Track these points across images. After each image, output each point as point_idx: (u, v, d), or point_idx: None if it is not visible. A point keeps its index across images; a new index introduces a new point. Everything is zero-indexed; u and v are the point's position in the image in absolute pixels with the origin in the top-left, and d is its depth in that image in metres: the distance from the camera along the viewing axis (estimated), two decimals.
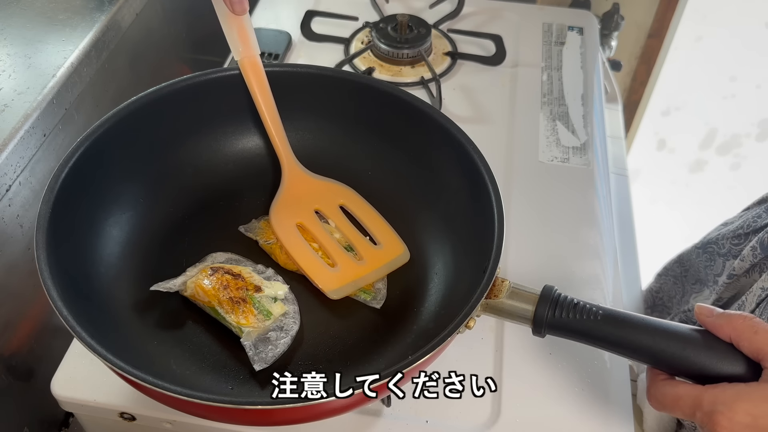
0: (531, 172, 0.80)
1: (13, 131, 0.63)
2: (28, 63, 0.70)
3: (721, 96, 1.54)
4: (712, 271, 0.79)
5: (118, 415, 0.60)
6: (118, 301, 0.58)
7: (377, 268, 0.63)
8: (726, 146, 1.64)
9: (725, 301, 0.73)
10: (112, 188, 0.61)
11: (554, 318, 0.51)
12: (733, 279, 0.70)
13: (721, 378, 0.46)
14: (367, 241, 0.65)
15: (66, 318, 0.48)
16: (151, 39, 0.89)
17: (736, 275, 0.70)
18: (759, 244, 0.68)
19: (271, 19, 0.98)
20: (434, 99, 0.86)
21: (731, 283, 0.71)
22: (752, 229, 0.72)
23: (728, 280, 0.71)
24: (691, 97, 1.52)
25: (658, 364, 0.49)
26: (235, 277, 0.58)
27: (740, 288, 0.72)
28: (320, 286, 0.61)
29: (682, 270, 0.88)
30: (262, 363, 0.55)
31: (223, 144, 0.69)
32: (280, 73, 0.68)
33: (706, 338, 0.47)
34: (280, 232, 0.63)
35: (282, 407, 0.46)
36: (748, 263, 0.69)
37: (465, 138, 0.61)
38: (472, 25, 0.99)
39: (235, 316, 0.56)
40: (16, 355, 0.67)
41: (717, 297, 0.74)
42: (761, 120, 1.64)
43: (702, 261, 0.81)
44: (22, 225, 0.65)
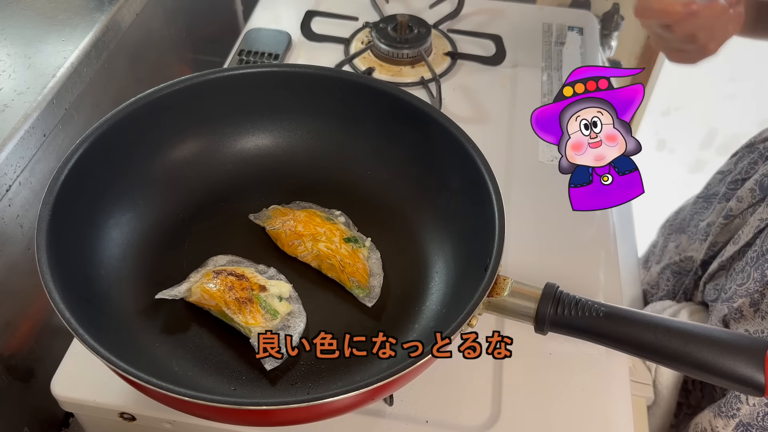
0: (531, 172, 0.80)
1: (13, 131, 0.63)
2: (28, 63, 0.70)
3: (721, 96, 1.54)
4: (699, 217, 0.80)
5: (118, 415, 0.60)
6: (119, 303, 0.58)
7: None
8: (726, 146, 1.64)
9: (720, 245, 0.74)
10: (112, 190, 0.61)
11: (556, 315, 0.51)
12: (728, 220, 0.72)
13: (722, 375, 0.46)
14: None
15: (68, 320, 0.48)
16: (151, 39, 0.89)
17: (733, 215, 0.72)
18: (758, 186, 0.69)
19: (271, 19, 0.98)
20: (434, 99, 0.86)
21: (726, 225, 0.73)
22: (750, 175, 0.74)
23: (724, 221, 0.73)
24: (691, 97, 1.52)
25: (660, 359, 0.49)
26: (239, 278, 0.58)
27: (733, 230, 0.73)
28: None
29: (673, 220, 0.90)
30: (273, 362, 0.55)
31: (223, 144, 0.69)
32: (280, 73, 0.68)
33: (708, 333, 0.47)
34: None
35: (284, 407, 0.46)
36: (746, 204, 0.70)
37: (465, 138, 0.61)
38: (472, 25, 0.99)
39: (242, 317, 0.56)
40: (16, 355, 0.67)
41: (712, 240, 0.75)
42: (761, 120, 1.64)
43: (696, 208, 0.83)
44: (22, 225, 0.65)
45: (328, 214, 0.66)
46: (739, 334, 0.50)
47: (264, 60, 0.89)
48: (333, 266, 0.62)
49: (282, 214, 0.66)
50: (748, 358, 0.46)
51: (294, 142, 0.69)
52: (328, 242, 0.63)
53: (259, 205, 0.67)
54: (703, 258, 0.81)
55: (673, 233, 0.92)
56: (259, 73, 0.67)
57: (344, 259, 0.62)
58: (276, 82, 0.67)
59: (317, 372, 0.56)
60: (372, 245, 0.65)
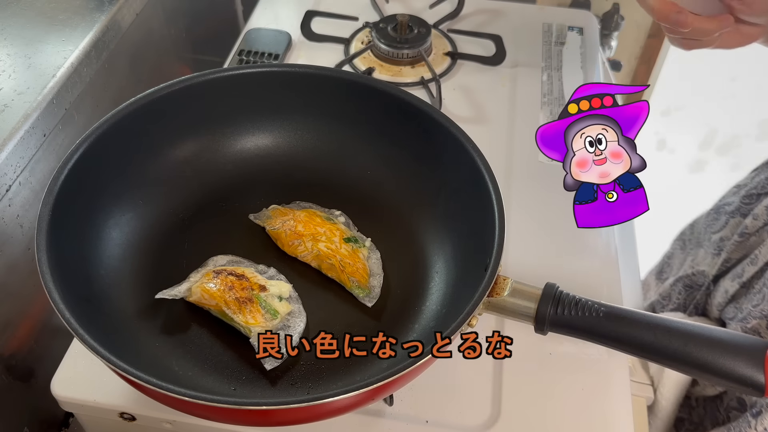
0: (531, 172, 0.80)
1: (13, 131, 0.63)
2: (28, 63, 0.70)
3: (721, 96, 1.54)
4: (710, 229, 0.79)
5: (118, 415, 0.60)
6: (119, 303, 0.58)
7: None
8: (726, 146, 1.65)
9: (734, 261, 0.73)
10: (112, 190, 0.61)
11: (556, 315, 0.51)
12: (744, 237, 0.71)
13: (722, 376, 0.46)
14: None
15: (68, 320, 0.48)
16: (151, 39, 0.89)
17: (748, 233, 0.70)
18: None
19: (271, 19, 0.98)
20: (434, 99, 0.86)
21: (741, 242, 0.71)
22: (766, 191, 0.73)
23: (739, 239, 0.71)
24: (691, 97, 1.52)
25: (660, 359, 0.49)
26: (239, 277, 0.58)
27: (749, 248, 0.72)
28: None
29: (690, 233, 0.89)
30: (273, 362, 0.55)
31: (223, 144, 0.69)
32: (280, 73, 0.68)
33: (708, 334, 0.47)
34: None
35: (284, 407, 0.46)
36: (761, 221, 0.69)
37: (465, 138, 0.61)
38: (472, 25, 0.99)
39: (243, 317, 0.56)
40: (16, 355, 0.67)
41: (726, 257, 0.73)
42: (761, 120, 1.64)
43: (708, 220, 0.82)
44: (22, 225, 0.65)
45: (328, 214, 0.66)
46: (739, 334, 0.49)
47: (264, 60, 0.89)
48: (333, 266, 0.62)
49: (282, 214, 0.66)
50: (748, 358, 0.46)
51: (294, 142, 0.69)
52: (328, 242, 0.63)
53: (259, 205, 0.67)
54: (715, 273, 0.80)
55: (688, 247, 0.91)
56: (259, 73, 0.67)
57: (344, 259, 0.62)
58: (276, 82, 0.67)
59: (317, 372, 0.56)
60: (372, 245, 0.65)
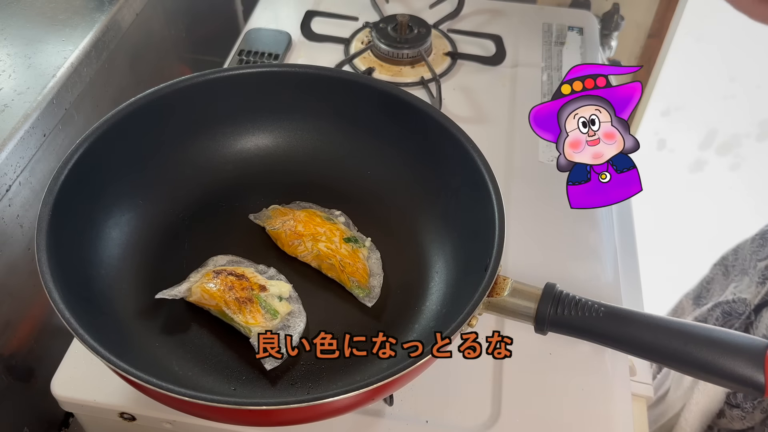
0: (531, 172, 0.80)
1: (13, 131, 0.63)
2: (28, 63, 0.70)
3: (721, 96, 1.54)
4: (756, 256, 0.77)
5: (118, 415, 0.60)
6: (119, 303, 0.58)
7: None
8: (726, 146, 1.65)
9: None
10: (112, 190, 0.61)
11: (556, 315, 0.51)
12: None
13: (722, 376, 0.46)
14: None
15: (68, 320, 0.48)
16: (151, 39, 0.89)
17: None
18: None
19: (271, 19, 0.98)
20: (434, 99, 0.86)
21: None
22: None
23: None
24: (691, 97, 1.52)
25: (660, 359, 0.49)
26: (239, 277, 0.58)
27: None
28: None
29: (734, 259, 0.87)
30: (273, 362, 0.55)
31: (223, 144, 0.69)
32: (280, 73, 0.68)
33: (708, 334, 0.47)
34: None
35: (284, 407, 0.46)
36: None
37: (465, 138, 0.61)
38: (472, 25, 0.99)
39: (242, 317, 0.56)
40: (16, 355, 0.67)
41: None
42: (761, 120, 1.64)
43: (754, 246, 0.80)
44: (22, 225, 0.65)
45: (328, 214, 0.66)
46: (739, 334, 0.49)
47: (264, 60, 0.89)
48: (333, 266, 0.62)
49: (282, 214, 0.66)
50: (748, 358, 0.46)
51: (294, 142, 0.69)
52: (328, 242, 0.63)
53: (259, 205, 0.67)
54: (758, 302, 0.77)
55: (732, 273, 0.88)
56: (259, 73, 0.67)
57: (344, 259, 0.62)
58: (276, 82, 0.67)
59: (317, 372, 0.56)
60: (372, 245, 0.65)
